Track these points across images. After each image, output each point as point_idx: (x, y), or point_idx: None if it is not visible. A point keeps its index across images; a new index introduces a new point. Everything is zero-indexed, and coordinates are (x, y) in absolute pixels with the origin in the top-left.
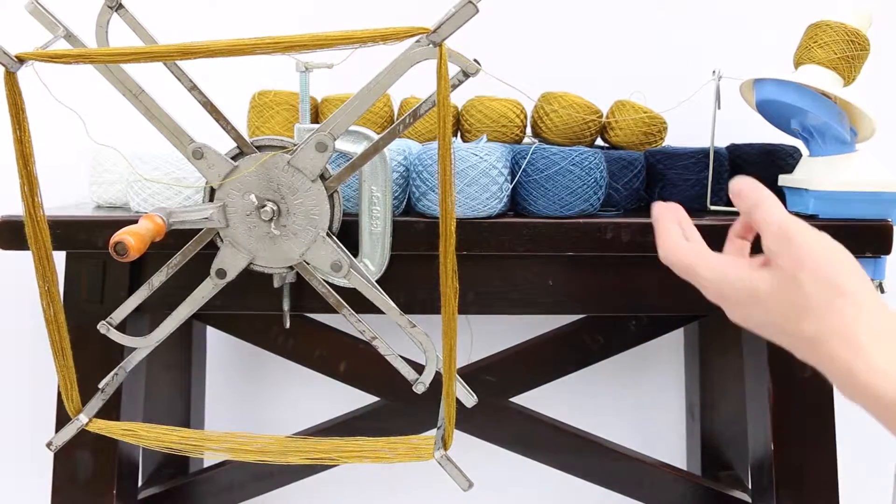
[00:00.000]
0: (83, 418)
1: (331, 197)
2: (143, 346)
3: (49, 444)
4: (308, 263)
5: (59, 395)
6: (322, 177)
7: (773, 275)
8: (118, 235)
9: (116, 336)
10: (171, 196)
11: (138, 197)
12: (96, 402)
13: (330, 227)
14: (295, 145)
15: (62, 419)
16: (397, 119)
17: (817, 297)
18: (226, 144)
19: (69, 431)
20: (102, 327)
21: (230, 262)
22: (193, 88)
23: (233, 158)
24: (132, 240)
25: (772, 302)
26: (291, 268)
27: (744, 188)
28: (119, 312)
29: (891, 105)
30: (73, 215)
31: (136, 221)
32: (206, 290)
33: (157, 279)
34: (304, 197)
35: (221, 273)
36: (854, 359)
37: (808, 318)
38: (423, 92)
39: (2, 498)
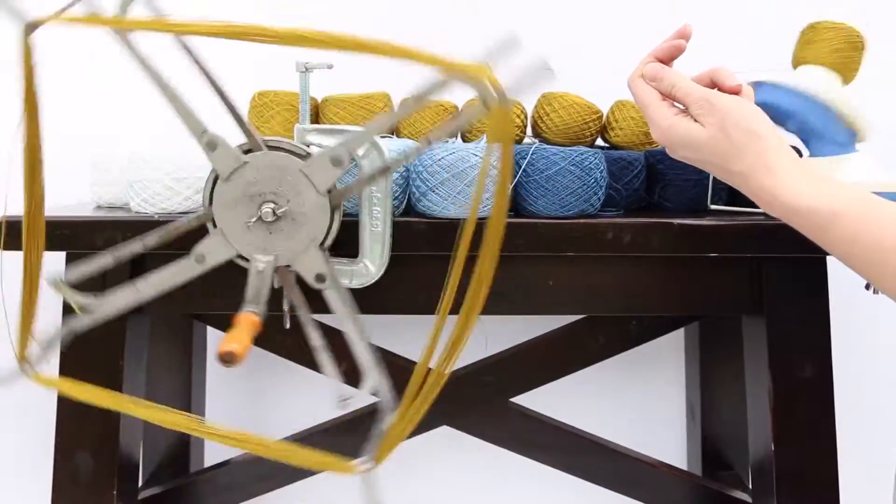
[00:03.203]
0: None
1: (332, 211)
2: (92, 307)
3: None
4: (291, 269)
5: (59, 394)
6: (329, 190)
7: (706, 130)
8: (225, 346)
9: (68, 293)
10: (170, 196)
11: (138, 197)
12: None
13: (324, 241)
14: (308, 153)
15: (63, 418)
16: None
17: (741, 143)
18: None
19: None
20: (48, 280)
21: (214, 250)
22: (212, 81)
23: (244, 153)
24: (239, 347)
25: (707, 149)
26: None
27: (657, 73)
28: (76, 273)
29: (891, 105)
30: (74, 215)
31: (135, 222)
32: (180, 271)
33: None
34: (307, 205)
35: (201, 258)
36: (775, 185)
37: (737, 159)
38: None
39: (2, 498)
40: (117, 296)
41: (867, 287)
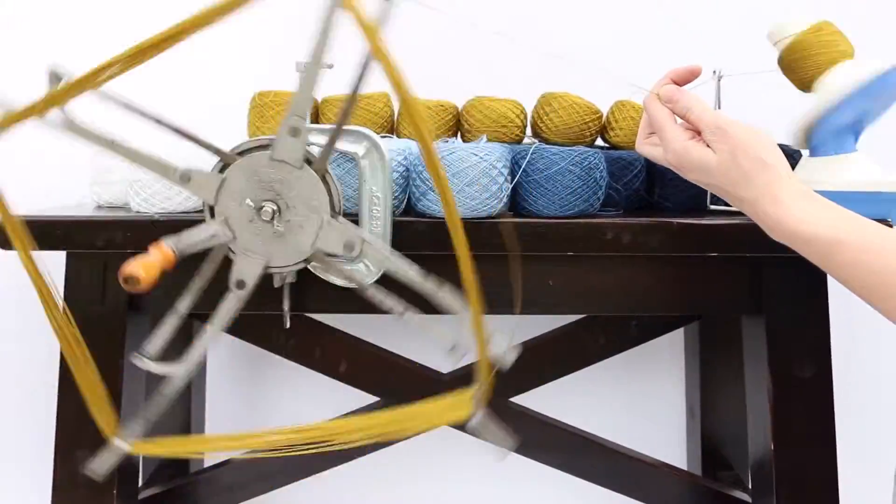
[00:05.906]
0: (124, 445)
1: (324, 179)
2: (177, 373)
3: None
4: (321, 251)
5: (60, 393)
6: (308, 162)
7: (718, 156)
8: (129, 267)
9: (152, 367)
10: (171, 196)
11: (138, 197)
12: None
13: (334, 210)
14: (269, 141)
15: (63, 418)
16: (397, 119)
17: (750, 170)
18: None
19: (110, 458)
20: (136, 360)
21: (247, 270)
22: (160, 122)
23: (220, 171)
24: (143, 272)
25: (718, 174)
26: (307, 260)
27: (673, 96)
28: (153, 345)
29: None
30: (74, 215)
31: (136, 222)
32: (230, 304)
33: (183, 306)
34: (297, 187)
35: (241, 284)
36: (781, 213)
37: (745, 185)
38: (420, 86)
39: (2, 498)
40: (193, 351)
41: None
